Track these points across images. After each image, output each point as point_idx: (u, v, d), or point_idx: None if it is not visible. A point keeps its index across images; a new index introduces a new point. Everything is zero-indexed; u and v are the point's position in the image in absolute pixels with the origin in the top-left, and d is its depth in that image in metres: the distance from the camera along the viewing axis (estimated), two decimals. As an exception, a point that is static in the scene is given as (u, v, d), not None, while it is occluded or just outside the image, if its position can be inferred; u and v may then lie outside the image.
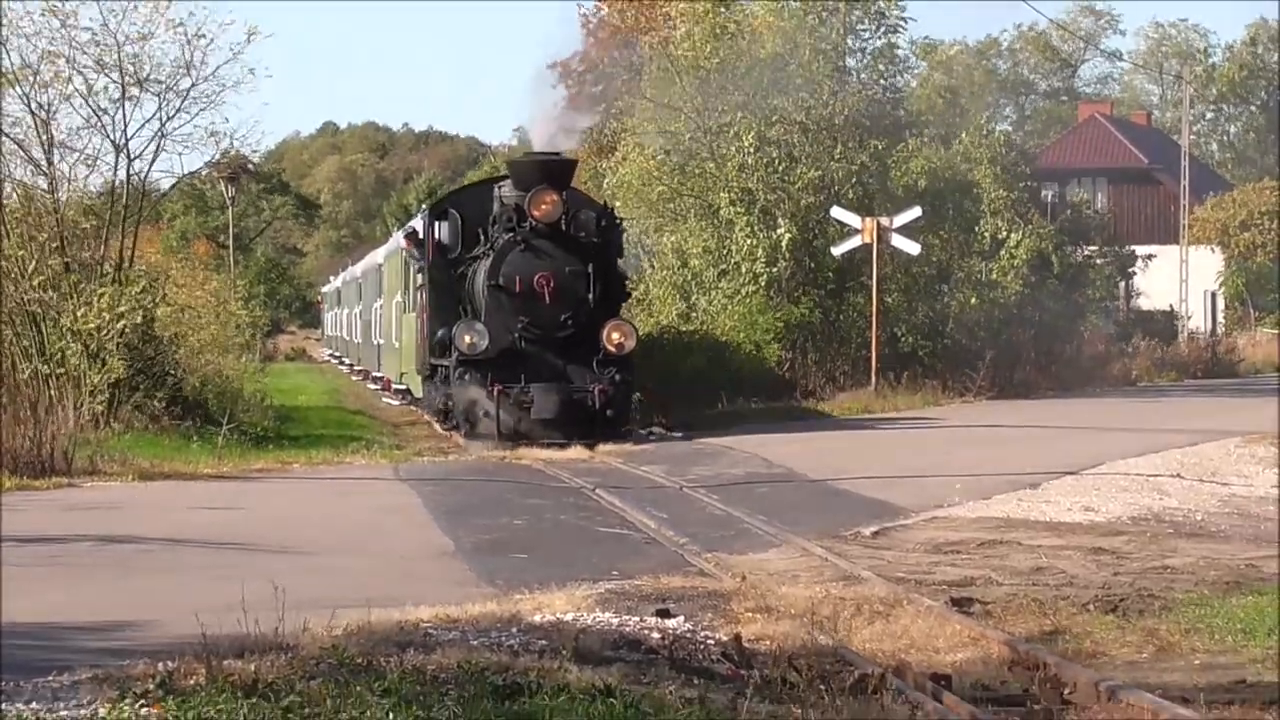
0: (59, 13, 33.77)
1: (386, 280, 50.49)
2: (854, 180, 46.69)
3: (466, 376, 31.12)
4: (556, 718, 9.93)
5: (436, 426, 38.99)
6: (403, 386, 46.29)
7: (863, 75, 50.63)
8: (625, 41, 53.65)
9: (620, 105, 54.27)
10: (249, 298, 60.48)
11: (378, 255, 56.79)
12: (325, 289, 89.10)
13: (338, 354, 74.30)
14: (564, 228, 31.61)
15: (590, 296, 31.55)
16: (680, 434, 34.49)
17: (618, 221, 34.32)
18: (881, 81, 51.08)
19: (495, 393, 30.24)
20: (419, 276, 37.13)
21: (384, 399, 50.65)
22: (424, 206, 40.80)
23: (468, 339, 31.05)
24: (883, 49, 51.89)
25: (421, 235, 36.16)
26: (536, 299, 31.04)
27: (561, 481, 25.58)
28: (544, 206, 31.16)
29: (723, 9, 47.73)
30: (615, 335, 31.53)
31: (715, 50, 46.07)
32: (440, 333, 33.20)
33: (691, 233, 47.37)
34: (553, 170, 32.62)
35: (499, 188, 33.93)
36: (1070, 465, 29.24)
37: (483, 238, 33.52)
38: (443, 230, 34.82)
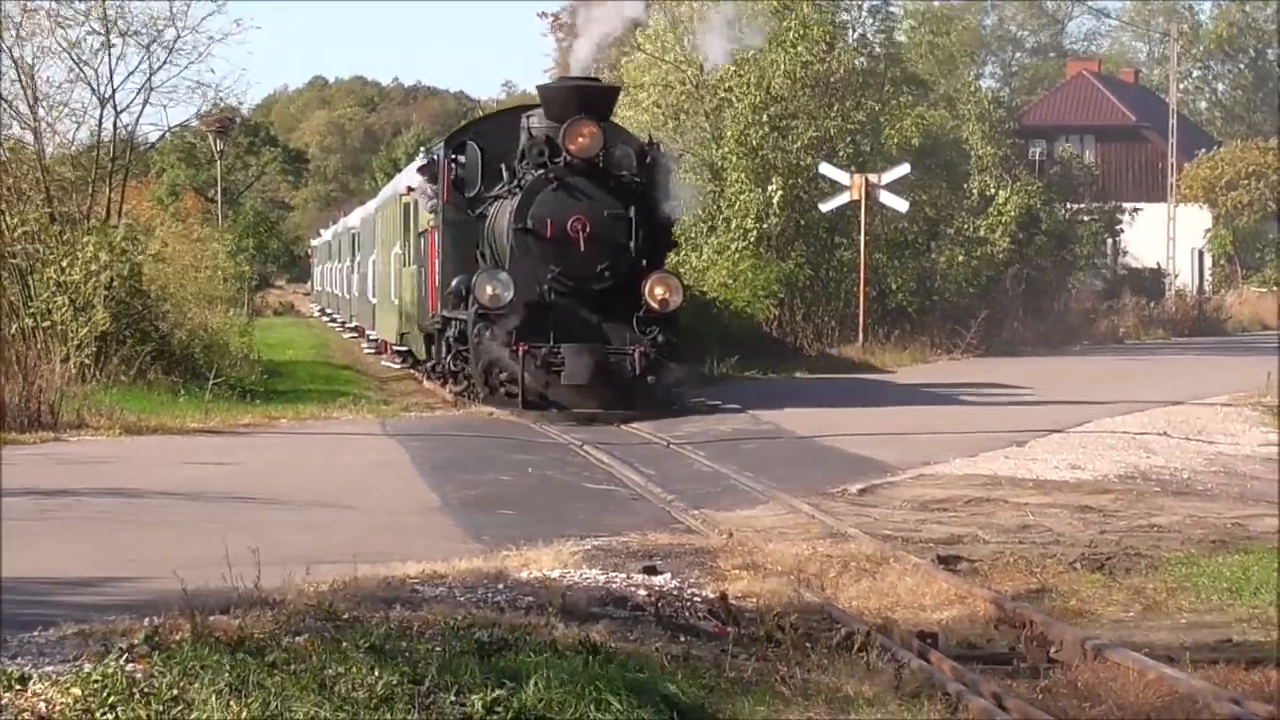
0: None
1: (381, 231, 47.33)
2: (848, 139, 46.70)
3: (487, 333, 27.34)
4: (541, 674, 9.92)
5: (443, 392, 35.46)
6: (404, 348, 42.16)
7: (859, 32, 50.59)
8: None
9: (612, 57, 54.07)
10: (237, 251, 60.39)
11: (371, 206, 54.65)
12: (315, 243, 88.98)
13: (328, 309, 73.99)
14: (602, 165, 27.84)
15: (631, 244, 27.81)
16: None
17: (665, 158, 30.26)
18: (880, 36, 51.05)
19: (520, 353, 26.82)
20: (431, 217, 33.00)
21: (382, 362, 47.99)
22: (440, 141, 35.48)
23: (490, 290, 27.28)
24: (879, 8, 51.99)
25: (437, 170, 31.75)
26: (570, 245, 27.34)
27: (549, 437, 25.50)
28: (581, 139, 27.36)
29: None
30: (659, 290, 27.65)
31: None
32: (455, 282, 29.49)
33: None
34: (591, 98, 28.58)
35: (527, 117, 29.61)
36: (1057, 423, 29.29)
37: (507, 174, 29.56)
38: (461, 165, 30.55)
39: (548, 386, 26.86)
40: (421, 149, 38.35)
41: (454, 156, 30.53)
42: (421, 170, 33.43)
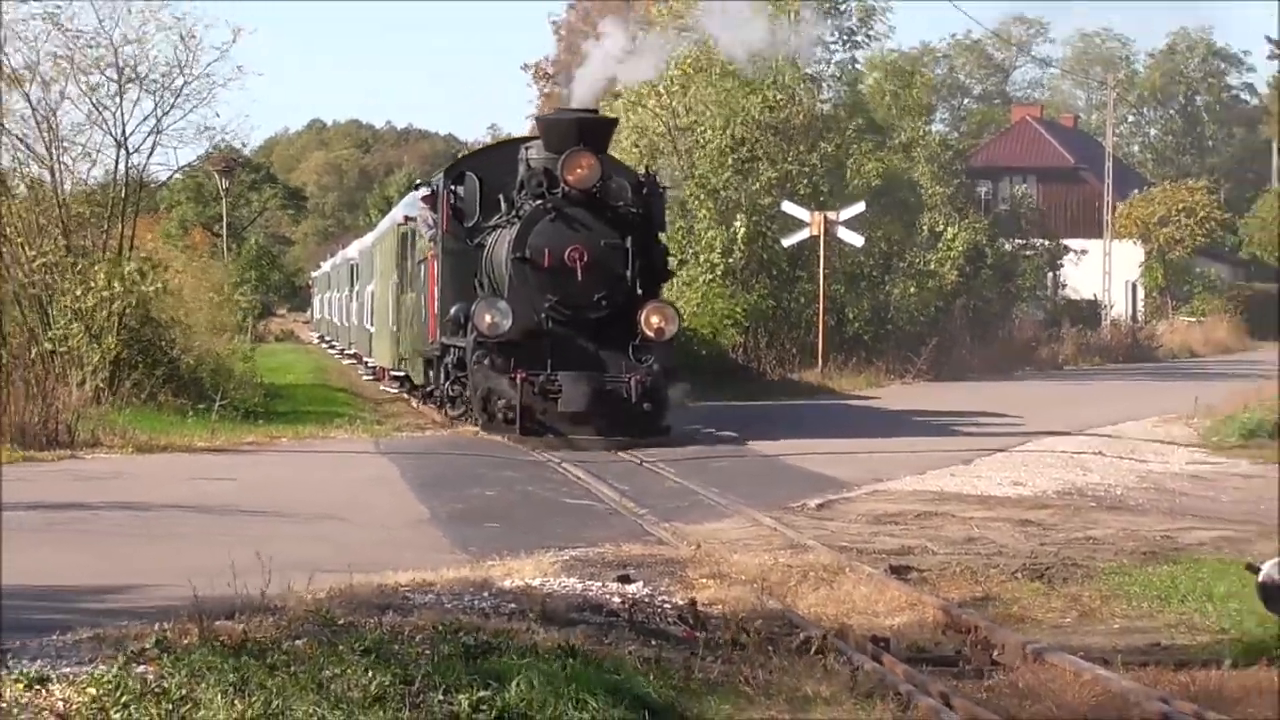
0: (58, 17, 33.85)
1: (379, 262, 46.30)
2: (807, 180, 46.74)
3: (486, 360, 26.07)
4: (524, 675, 9.95)
5: (434, 413, 35.15)
6: (401, 373, 40.88)
7: (826, 83, 50.68)
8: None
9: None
10: (241, 282, 60.43)
11: (368, 238, 53.96)
12: (315, 274, 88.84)
13: (327, 337, 73.75)
14: (600, 196, 26.47)
15: (628, 273, 26.45)
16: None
17: (660, 189, 29.30)
18: (844, 89, 51.13)
19: (518, 380, 25.56)
20: (430, 246, 31.82)
21: (381, 387, 46.71)
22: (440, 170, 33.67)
23: (488, 318, 25.93)
24: (846, 62, 52.11)
25: (436, 200, 30.53)
26: (567, 274, 25.98)
27: (530, 455, 25.47)
28: (579, 170, 26.00)
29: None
30: (655, 319, 26.30)
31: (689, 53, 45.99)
32: (454, 309, 28.20)
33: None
34: (590, 130, 27.21)
35: (526, 149, 28.39)
36: (1000, 443, 29.35)
37: (505, 205, 28.30)
38: (459, 195, 29.31)
39: (545, 413, 25.77)
40: (418, 181, 37.25)
41: (453, 187, 29.49)
42: (425, 200, 32.30)
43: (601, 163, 26.51)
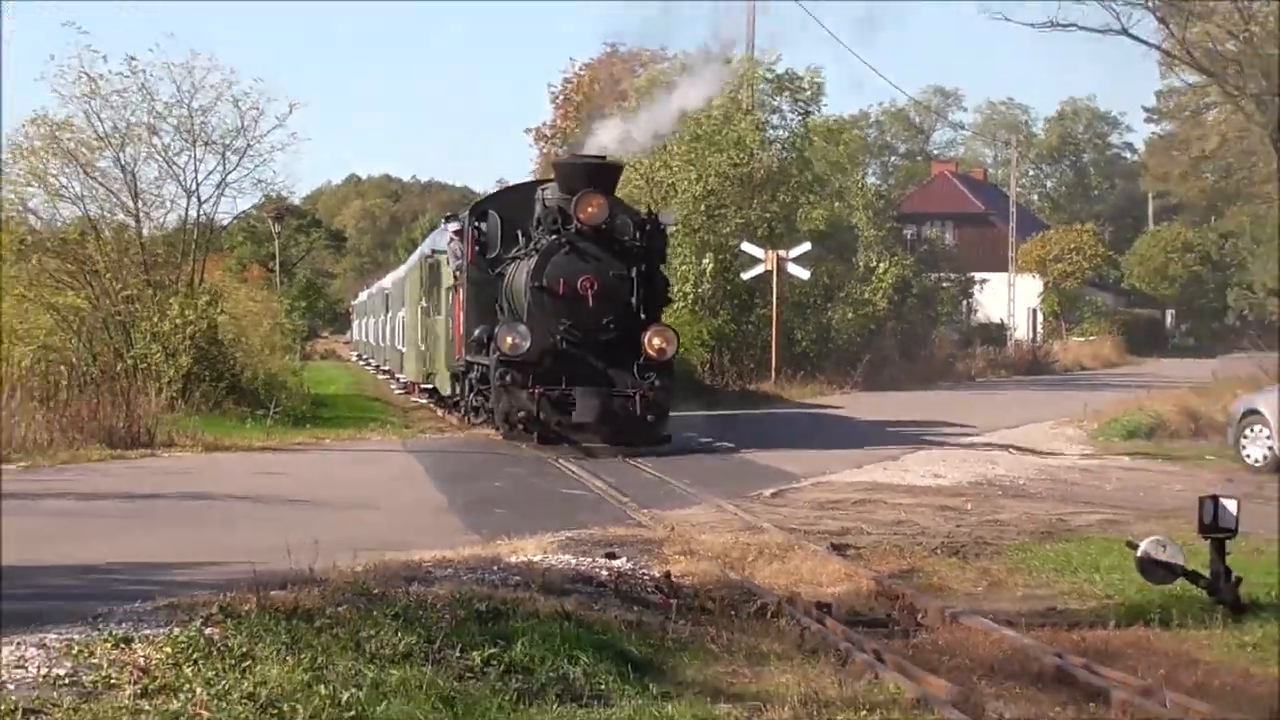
0: (146, 87, 33.94)
1: (409, 292, 44.76)
2: (765, 224, 46.74)
3: (508, 377, 25.29)
4: (527, 635, 9.94)
5: (452, 419, 34.96)
6: (429, 386, 39.67)
7: (779, 145, 50.62)
8: (589, 114, 53.45)
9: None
10: (292, 310, 60.37)
11: (401, 271, 52.58)
12: (354, 302, 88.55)
13: (364, 355, 73.33)
14: (608, 231, 25.70)
15: (633, 300, 25.60)
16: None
17: (662, 227, 27.86)
18: (794, 150, 51.11)
19: (536, 394, 24.88)
20: (456, 275, 30.66)
21: (411, 398, 45.17)
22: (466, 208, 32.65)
23: (510, 340, 25.10)
24: (797, 129, 52.06)
25: (463, 234, 29.80)
26: (580, 301, 25.12)
27: (532, 453, 25.25)
28: (590, 209, 25.19)
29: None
30: (657, 340, 25.47)
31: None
32: (478, 331, 27.63)
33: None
34: (599, 173, 26.50)
35: (542, 190, 27.63)
36: (922, 443, 29.37)
37: (522, 239, 27.57)
38: (482, 230, 28.67)
39: (560, 424, 24.96)
40: (446, 215, 36.28)
41: (477, 223, 28.81)
42: (453, 234, 31.24)
43: (610, 202, 25.86)
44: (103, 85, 33.46)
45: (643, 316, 25.51)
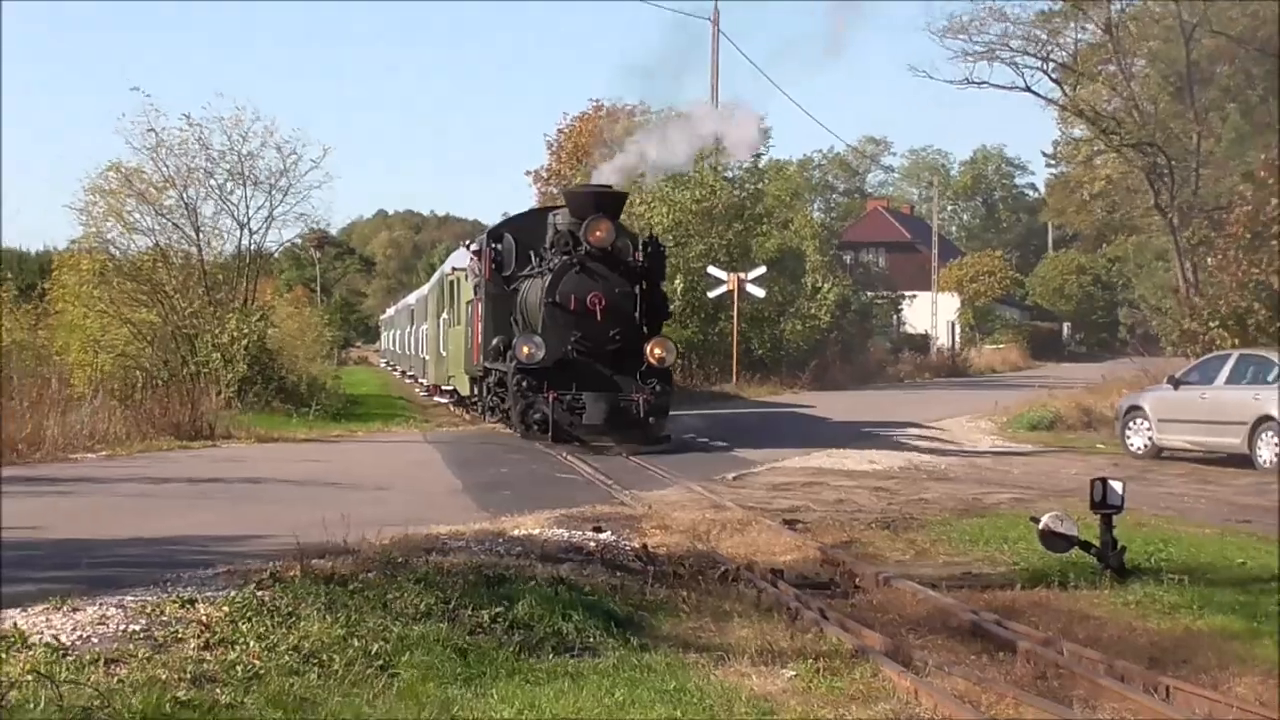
0: (203, 139, 34.08)
1: (431, 307, 43.57)
2: (725, 250, 46.74)
3: (525, 383, 24.52)
4: (527, 597, 9.94)
5: (464, 415, 34.88)
6: (450, 388, 38.10)
7: (737, 182, 50.63)
8: (578, 157, 53.36)
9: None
10: (329, 324, 60.40)
11: (424, 289, 51.52)
12: (383, 316, 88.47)
13: (391, 362, 73.08)
14: (614, 253, 24.81)
15: (636, 315, 24.71)
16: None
17: (662, 249, 27.11)
18: (748, 187, 51.13)
19: (550, 399, 24.02)
20: (475, 290, 29.49)
21: (434, 398, 43.82)
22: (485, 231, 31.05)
23: (526, 350, 24.29)
24: (750, 168, 52.13)
25: (481, 254, 28.56)
26: (589, 316, 24.24)
27: (533, 444, 25.30)
28: (598, 233, 24.31)
29: None
30: (658, 350, 24.60)
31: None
32: (496, 340, 26.63)
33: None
34: (606, 201, 25.59)
35: (554, 215, 26.61)
36: (859, 433, 29.40)
37: (535, 259, 26.57)
38: (499, 250, 27.51)
39: (571, 425, 24.04)
40: (467, 240, 35.55)
41: (494, 245, 27.70)
42: (473, 254, 30.15)
43: (615, 227, 24.99)
44: (165, 137, 33.65)
45: (645, 329, 24.77)
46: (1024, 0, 54.72)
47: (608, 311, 24.09)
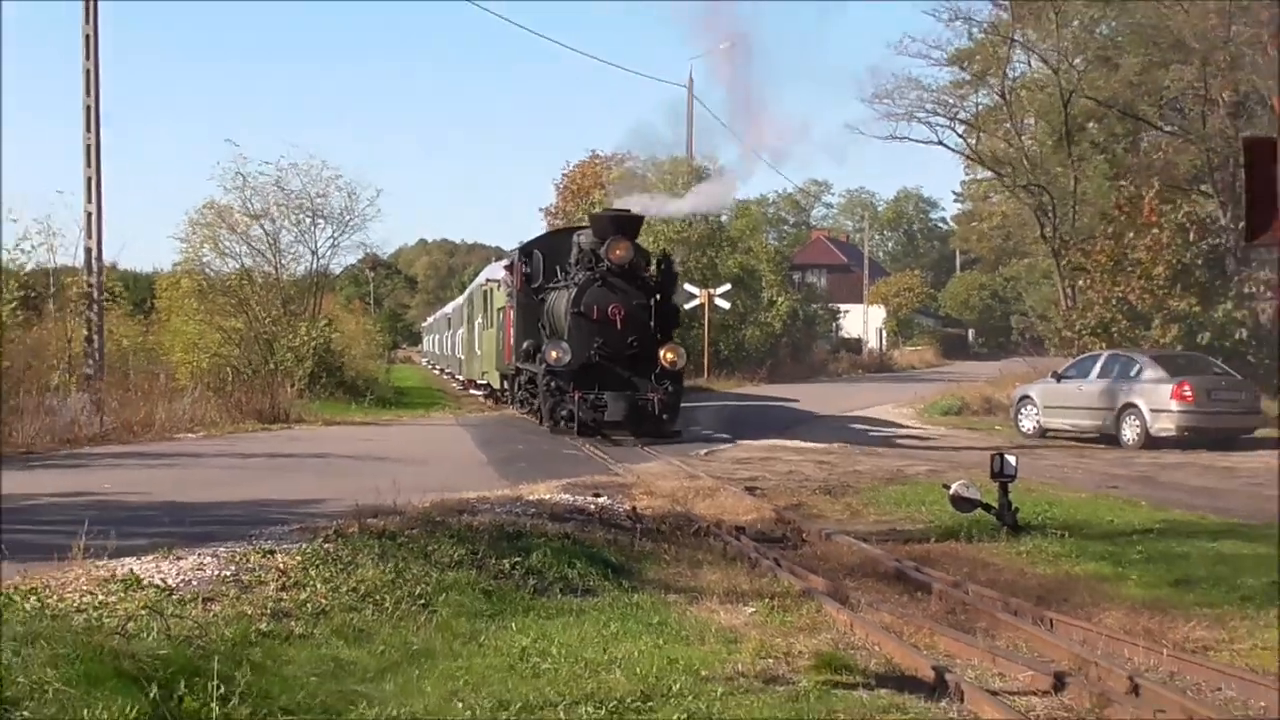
0: (282, 182, 34.11)
1: (466, 314, 41.87)
2: (699, 270, 46.66)
3: (553, 384, 23.01)
4: (541, 549, 9.94)
5: (488, 403, 34.71)
6: (483, 383, 36.15)
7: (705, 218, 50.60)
8: (579, 196, 53.30)
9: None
10: (380, 330, 60.36)
11: (459, 300, 50.50)
12: (424, 324, 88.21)
13: (432, 362, 72.83)
14: (631, 269, 23.22)
15: (651, 324, 23.04)
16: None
17: (674, 266, 25.33)
18: (713, 220, 51.12)
19: (575, 398, 22.40)
20: (507, 300, 27.83)
21: (470, 391, 41.98)
22: (516, 246, 28.72)
23: (554, 354, 22.69)
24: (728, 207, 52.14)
25: (513, 268, 26.95)
26: (610, 324, 22.67)
27: (543, 426, 25.29)
28: (618, 251, 22.80)
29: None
30: (670, 355, 22.92)
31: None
32: (526, 344, 25.08)
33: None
34: (625, 223, 23.93)
35: (578, 235, 25.02)
36: (806, 417, 29.45)
37: (560, 273, 24.97)
38: (528, 265, 25.80)
39: (594, 421, 22.42)
40: (499, 257, 34.55)
41: (525, 260, 26.06)
42: (506, 268, 28.42)
43: (633, 246, 23.44)
44: (251, 180, 33.66)
45: (658, 336, 23.27)
46: (935, 71, 54.90)
47: (626, 321, 22.74)
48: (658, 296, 23.26)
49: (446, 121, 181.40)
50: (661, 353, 22.91)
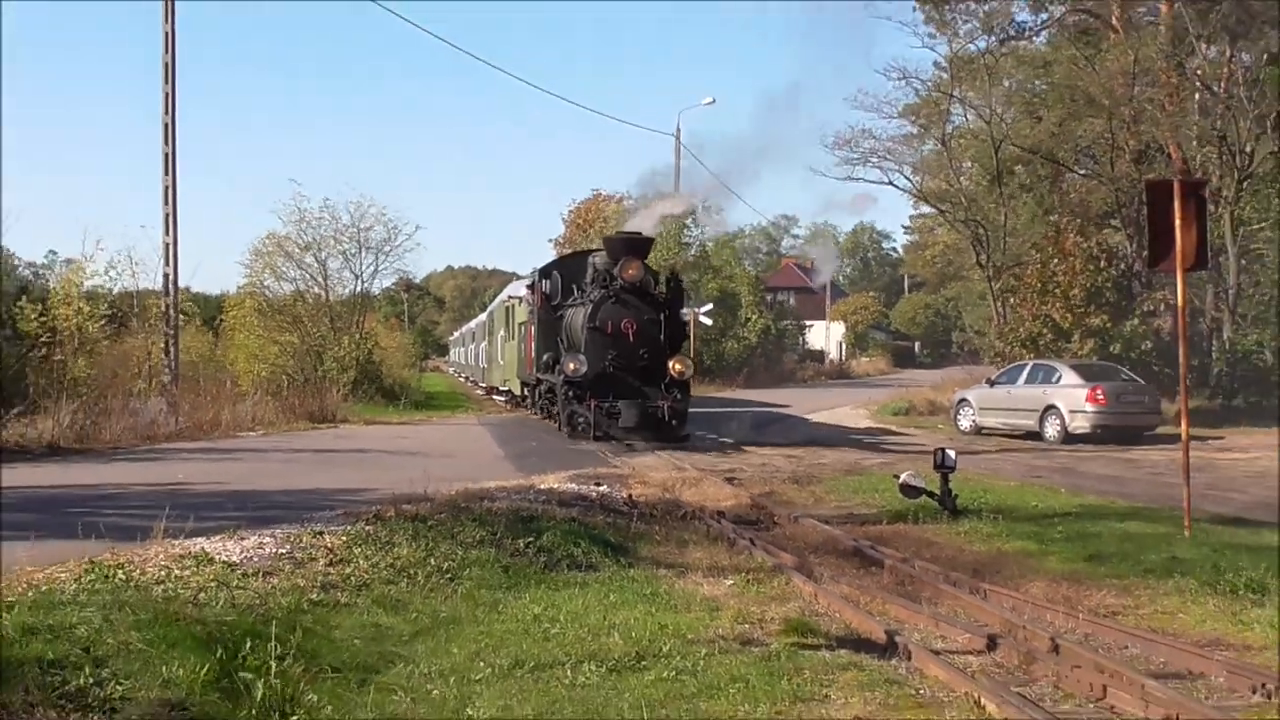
0: (334, 210, 34.15)
1: (489, 327, 41.19)
2: (685, 293, 46.55)
3: (571, 393, 21.75)
4: (551, 531, 9.94)
5: (505, 405, 34.91)
6: (505, 389, 34.73)
7: (691, 246, 50.58)
8: (583, 228, 53.31)
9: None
10: (414, 343, 60.33)
11: (482, 316, 49.97)
12: (450, 338, 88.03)
13: (457, 371, 72.63)
14: (642, 287, 21.88)
15: (661, 337, 21.70)
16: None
17: (682, 284, 23.93)
18: (704, 247, 51.15)
19: (591, 405, 21.14)
20: (528, 316, 26.44)
21: (493, 396, 41.09)
22: (535, 269, 26.72)
23: (572, 366, 21.47)
24: (704, 240, 52.15)
25: (533, 287, 25.33)
26: (623, 338, 21.41)
27: (553, 427, 25.24)
28: (631, 271, 21.54)
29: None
30: (678, 365, 21.54)
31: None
32: (546, 356, 23.81)
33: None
34: (637, 245, 22.59)
35: (593, 257, 23.72)
36: (777, 417, 29.43)
37: (577, 292, 23.60)
38: (547, 284, 24.41)
39: (609, 427, 21.03)
40: (521, 277, 33.27)
41: (544, 280, 24.69)
42: (528, 288, 26.83)
43: (644, 266, 22.21)
44: (307, 215, 33.68)
45: (667, 349, 21.94)
46: (885, 124, 55.21)
47: (638, 335, 21.52)
48: (667, 312, 22.16)
49: (470, 167, 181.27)
50: (670, 363, 21.74)
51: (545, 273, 25.25)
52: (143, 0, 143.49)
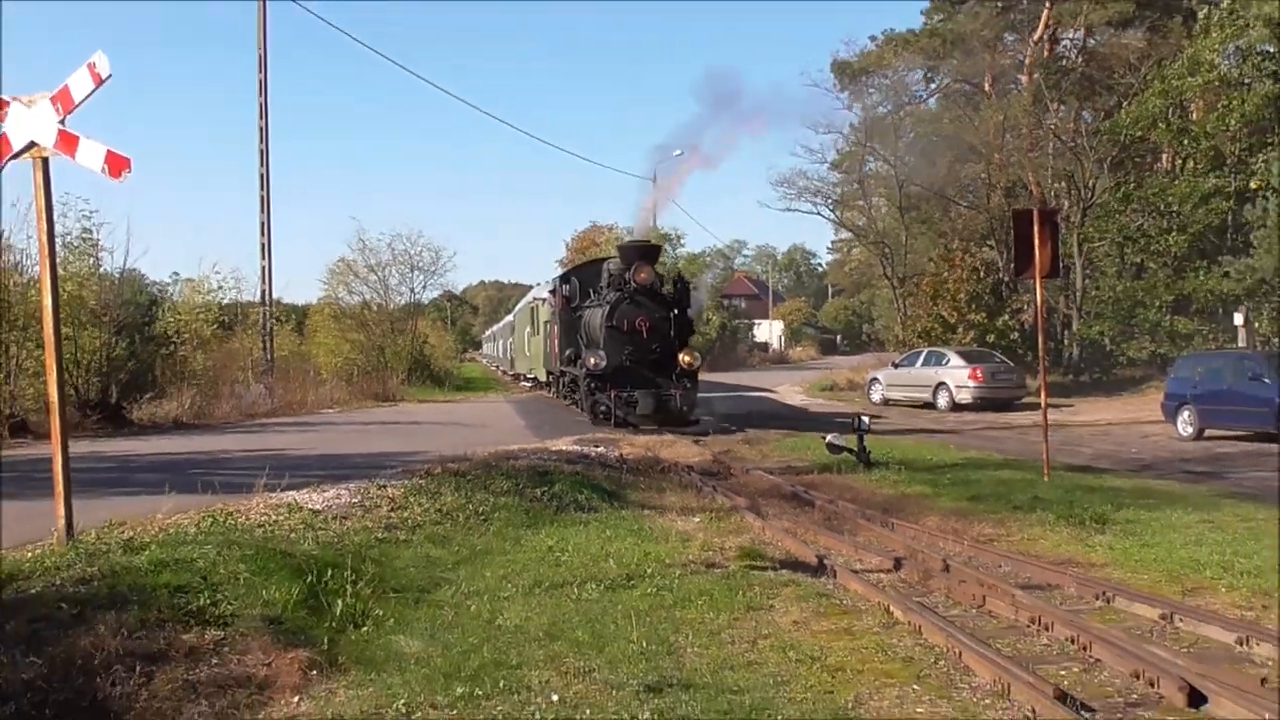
0: (390, 244, 33.97)
1: (515, 325, 38.42)
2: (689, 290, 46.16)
3: (592, 385, 19.50)
4: (561, 481, 9.92)
5: (525, 386, 33.59)
6: (530, 377, 32.29)
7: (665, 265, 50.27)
8: (582, 252, 53.12)
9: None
10: (455, 341, 60.15)
11: (509, 317, 47.65)
12: (483, 336, 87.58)
13: (489, 362, 72.13)
14: (653, 289, 19.66)
15: (671, 333, 19.48)
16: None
17: (688, 285, 21.23)
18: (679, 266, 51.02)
19: (611, 395, 18.96)
20: (551, 315, 24.51)
21: (519, 382, 38.59)
22: (556, 275, 24.85)
23: (593, 360, 19.29)
24: (680, 257, 51.94)
25: (555, 291, 23.48)
26: (637, 334, 19.23)
27: (563, 403, 25.11)
28: (642, 275, 19.29)
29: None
30: (687, 358, 19.21)
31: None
32: (568, 351, 22.17)
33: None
34: (648, 251, 20.43)
35: (608, 263, 21.67)
36: (734, 394, 29.35)
37: (592, 294, 21.86)
38: (567, 289, 22.51)
39: (628, 415, 18.76)
40: (544, 282, 30.95)
41: (564, 285, 22.80)
42: (551, 293, 24.75)
43: (654, 270, 20.07)
44: (370, 243, 33.59)
45: (677, 343, 19.80)
46: (817, 166, 55.50)
47: (651, 331, 19.52)
48: (676, 310, 20.17)
49: (497, 200, 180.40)
50: (680, 356, 19.74)
51: (565, 279, 23.68)
52: (236, 59, 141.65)
